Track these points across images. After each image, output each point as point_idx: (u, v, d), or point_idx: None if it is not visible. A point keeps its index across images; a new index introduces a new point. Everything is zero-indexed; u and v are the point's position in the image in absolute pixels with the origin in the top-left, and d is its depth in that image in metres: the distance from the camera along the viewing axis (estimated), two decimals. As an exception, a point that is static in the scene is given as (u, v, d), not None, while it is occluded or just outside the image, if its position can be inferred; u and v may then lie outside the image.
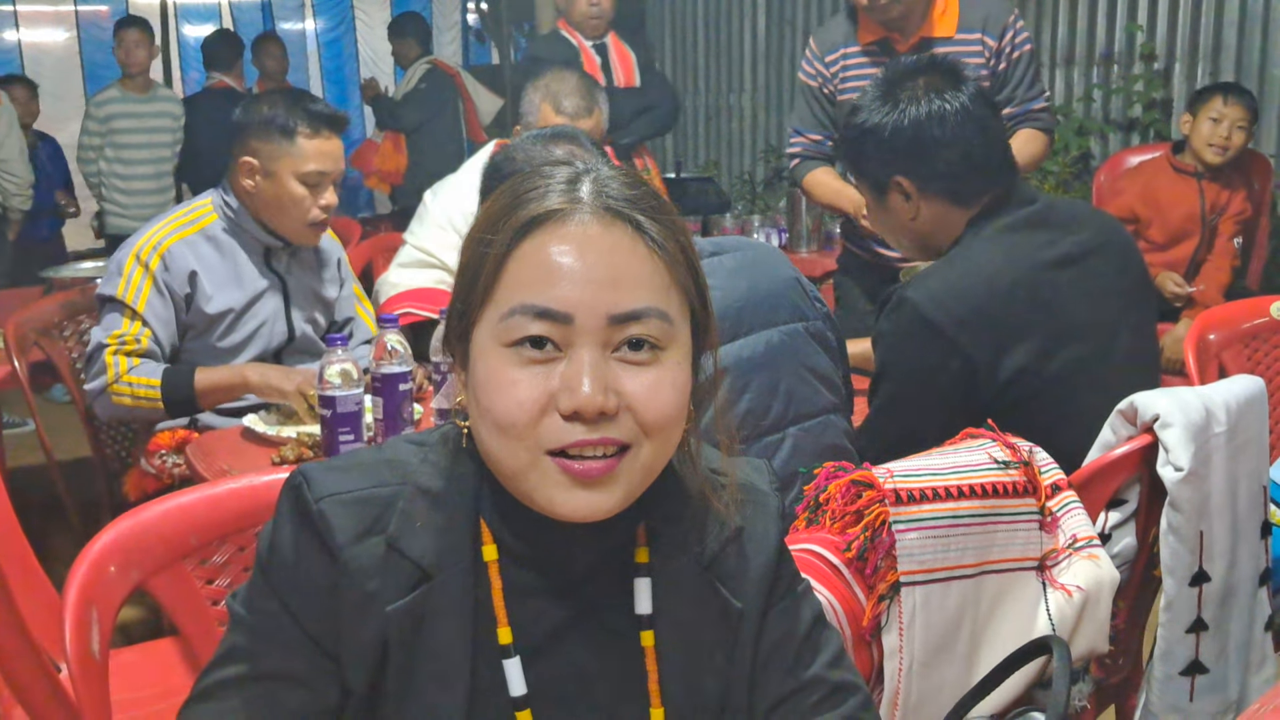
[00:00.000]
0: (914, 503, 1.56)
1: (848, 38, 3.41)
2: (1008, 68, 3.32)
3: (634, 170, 1.14)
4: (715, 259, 2.01)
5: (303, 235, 2.88)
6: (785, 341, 2.00)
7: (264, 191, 2.80)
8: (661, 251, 1.06)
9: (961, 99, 2.15)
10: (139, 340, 2.75)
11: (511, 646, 1.11)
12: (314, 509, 1.08)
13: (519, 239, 1.05)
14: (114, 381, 2.72)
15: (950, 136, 2.14)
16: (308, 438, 2.40)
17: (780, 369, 1.98)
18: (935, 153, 2.15)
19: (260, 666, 1.10)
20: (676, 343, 1.07)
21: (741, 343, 1.95)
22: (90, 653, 1.46)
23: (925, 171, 2.17)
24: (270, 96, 2.87)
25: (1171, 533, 1.85)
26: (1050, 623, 1.67)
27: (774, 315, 2.00)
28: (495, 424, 1.04)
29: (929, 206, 2.19)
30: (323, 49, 10.00)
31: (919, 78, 2.18)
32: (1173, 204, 4.41)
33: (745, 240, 2.12)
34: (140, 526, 1.61)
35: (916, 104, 2.15)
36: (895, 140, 2.17)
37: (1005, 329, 2.04)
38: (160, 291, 2.77)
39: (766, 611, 1.19)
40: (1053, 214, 2.20)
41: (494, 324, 1.05)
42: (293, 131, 2.76)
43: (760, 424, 1.96)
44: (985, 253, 2.12)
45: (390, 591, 1.08)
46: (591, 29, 4.80)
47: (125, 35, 6.26)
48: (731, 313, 1.96)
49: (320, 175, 2.79)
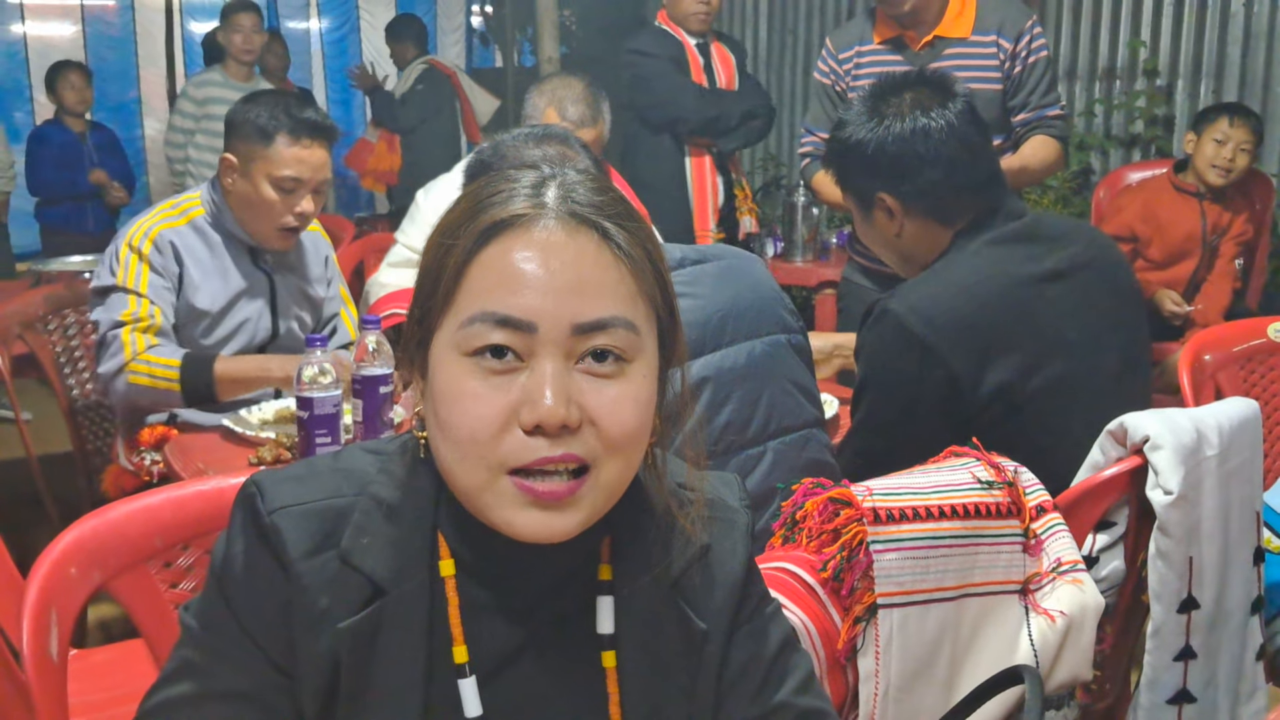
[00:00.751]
0: (893, 522, 1.53)
1: (863, 36, 3.43)
2: (1022, 72, 3.31)
3: (603, 177, 1.10)
4: (698, 267, 1.98)
5: (271, 239, 2.85)
6: (768, 353, 1.97)
7: (238, 191, 2.78)
8: (628, 259, 1.03)
9: (948, 115, 2.12)
10: (152, 317, 2.71)
11: (467, 666, 1.07)
12: (266, 521, 1.05)
13: (481, 244, 1.01)
14: (131, 359, 2.68)
15: (933, 154, 2.11)
16: (286, 439, 2.37)
17: (762, 381, 1.95)
18: (918, 171, 2.12)
19: (210, 685, 1.07)
20: (642, 354, 1.03)
21: (724, 353, 1.92)
22: (48, 653, 1.44)
23: (908, 189, 2.14)
24: (261, 97, 2.84)
25: (1160, 558, 1.81)
26: (1032, 648, 1.63)
27: (758, 326, 1.97)
28: (454, 439, 1.01)
29: (912, 224, 2.17)
30: (326, 48, 10.00)
31: (906, 92, 2.16)
32: (1173, 223, 4.39)
33: (728, 248, 2.09)
34: (104, 527, 1.58)
35: (901, 120, 2.12)
36: (879, 157, 2.14)
37: (988, 342, 2.00)
38: (158, 274, 2.75)
39: (733, 633, 1.16)
40: (1040, 229, 2.17)
41: (453, 332, 1.01)
42: (271, 135, 2.72)
43: (740, 437, 1.92)
44: (970, 266, 2.09)
45: (342, 607, 1.05)
46: (698, 24, 4.62)
47: (241, 20, 5.93)
48: (715, 321, 1.92)
49: (295, 182, 2.75)
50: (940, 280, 2.09)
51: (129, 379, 2.68)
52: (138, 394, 2.72)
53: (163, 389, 2.69)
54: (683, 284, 1.90)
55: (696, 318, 1.90)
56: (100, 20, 9.31)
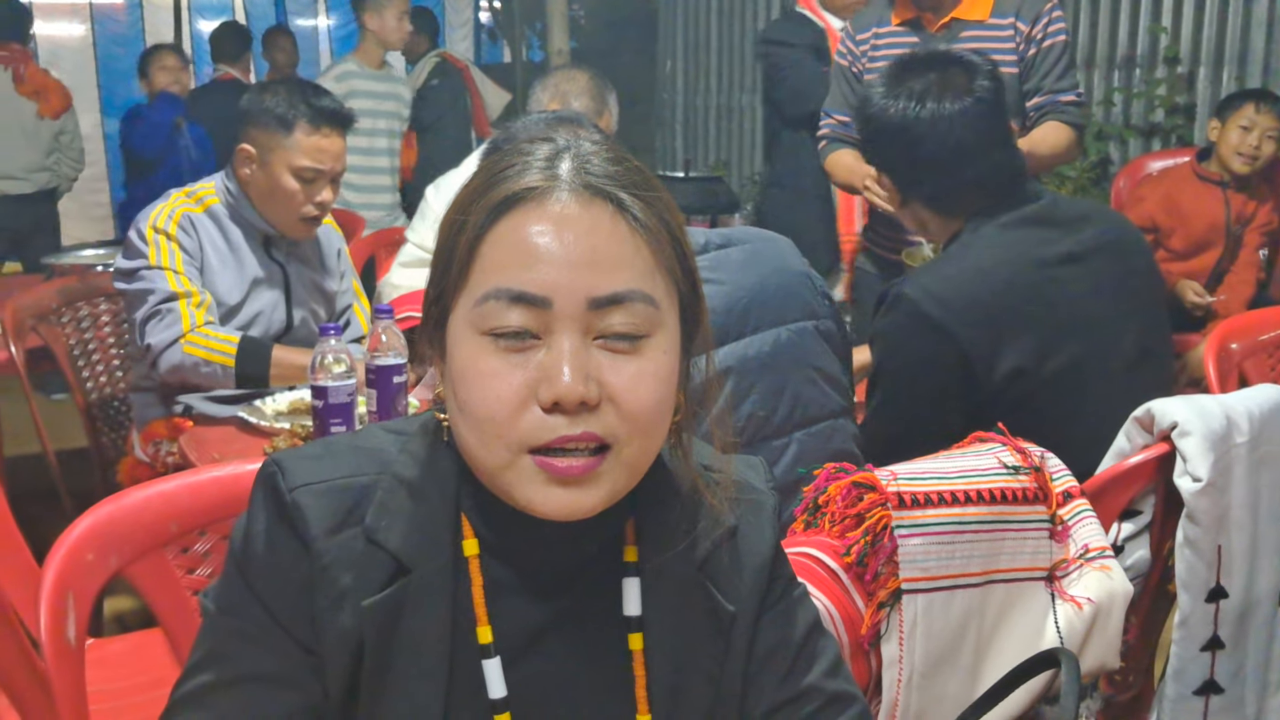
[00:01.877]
0: (918, 507, 1.51)
1: (881, 17, 3.42)
2: (1037, 55, 3.29)
3: (618, 146, 1.08)
4: (723, 251, 1.95)
5: (294, 229, 2.84)
6: (794, 341, 1.94)
7: (258, 181, 2.77)
8: (645, 231, 1.01)
9: (964, 103, 2.10)
10: (204, 295, 2.71)
11: (491, 646, 1.06)
12: (288, 499, 1.04)
13: (494, 219, 1.00)
14: (189, 330, 2.66)
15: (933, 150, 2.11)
16: (300, 429, 2.36)
17: (787, 370, 1.92)
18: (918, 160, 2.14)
19: (236, 670, 1.05)
20: (663, 329, 1.01)
21: (748, 341, 1.90)
22: (66, 639, 1.45)
23: (906, 177, 2.18)
24: (277, 85, 2.83)
25: (1188, 546, 1.79)
26: (1059, 635, 1.61)
27: (783, 313, 1.94)
28: (473, 419, 0.99)
29: (909, 209, 2.21)
30: (334, 45, 10.00)
31: (929, 73, 2.14)
32: (1196, 213, 4.35)
33: (755, 231, 2.06)
34: (120, 512, 1.58)
35: (921, 102, 2.11)
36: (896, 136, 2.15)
37: (1002, 324, 2.00)
38: (189, 254, 2.75)
39: (760, 616, 1.14)
40: (1057, 211, 2.16)
41: (469, 309, 1.00)
42: (291, 124, 2.72)
43: (765, 427, 1.90)
44: (984, 249, 2.09)
45: (366, 584, 1.04)
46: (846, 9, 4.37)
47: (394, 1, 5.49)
48: (739, 308, 1.90)
49: (315, 171, 2.74)
50: (954, 264, 2.09)
51: (184, 348, 2.66)
52: (190, 366, 2.69)
53: (217, 363, 2.68)
54: (706, 269, 1.88)
55: (720, 304, 1.87)
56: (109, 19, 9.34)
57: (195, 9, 9.33)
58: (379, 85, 5.58)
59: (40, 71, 6.06)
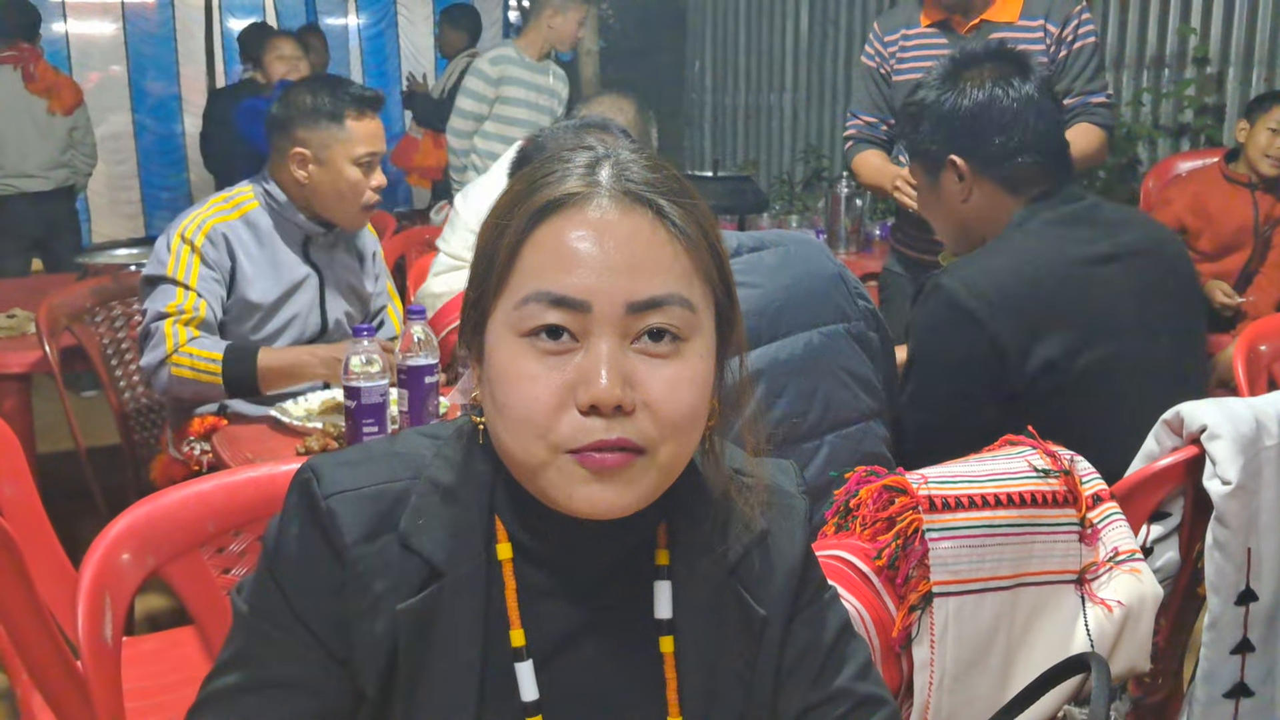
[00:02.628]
0: (949, 510, 1.51)
1: (910, 19, 3.42)
2: (1067, 56, 3.29)
3: (655, 154, 1.09)
4: (755, 254, 1.96)
5: (357, 219, 2.90)
6: (825, 343, 1.94)
7: (319, 180, 2.80)
8: (683, 237, 1.02)
9: (1027, 88, 2.16)
10: (196, 310, 2.72)
11: (524, 650, 1.07)
12: (322, 506, 1.05)
13: (535, 224, 1.01)
14: (173, 352, 2.69)
15: (1012, 122, 2.15)
16: (333, 428, 2.38)
17: (819, 373, 1.92)
18: (995, 136, 2.16)
19: (262, 673, 1.07)
20: (699, 333, 1.03)
21: (779, 344, 1.90)
22: (103, 638, 1.46)
23: (983, 154, 2.17)
24: (308, 85, 2.86)
25: (1217, 549, 1.79)
26: (1089, 638, 1.61)
27: (815, 315, 1.95)
28: (511, 419, 1.00)
29: (981, 190, 2.20)
30: (364, 44, 10.03)
31: (986, 63, 2.20)
32: (1224, 215, 4.32)
33: (788, 234, 2.07)
34: (156, 513, 1.60)
35: (982, 87, 2.16)
36: (956, 119, 2.18)
37: (1037, 317, 2.01)
38: (210, 267, 2.77)
39: (791, 619, 1.15)
40: (1099, 213, 2.18)
41: (509, 312, 1.01)
42: (341, 117, 2.77)
43: (796, 430, 1.90)
44: (1024, 244, 2.10)
45: (400, 589, 1.05)
46: None
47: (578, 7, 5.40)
48: (770, 311, 1.90)
49: (372, 155, 2.81)
50: (993, 257, 2.11)
51: (172, 370, 2.69)
52: (180, 386, 2.73)
53: (205, 381, 2.70)
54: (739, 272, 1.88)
55: (752, 307, 1.86)
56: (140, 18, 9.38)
57: (226, 8, 9.36)
58: (536, 77, 5.42)
59: (50, 69, 6.09)
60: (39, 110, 5.95)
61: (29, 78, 5.91)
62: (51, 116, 6.00)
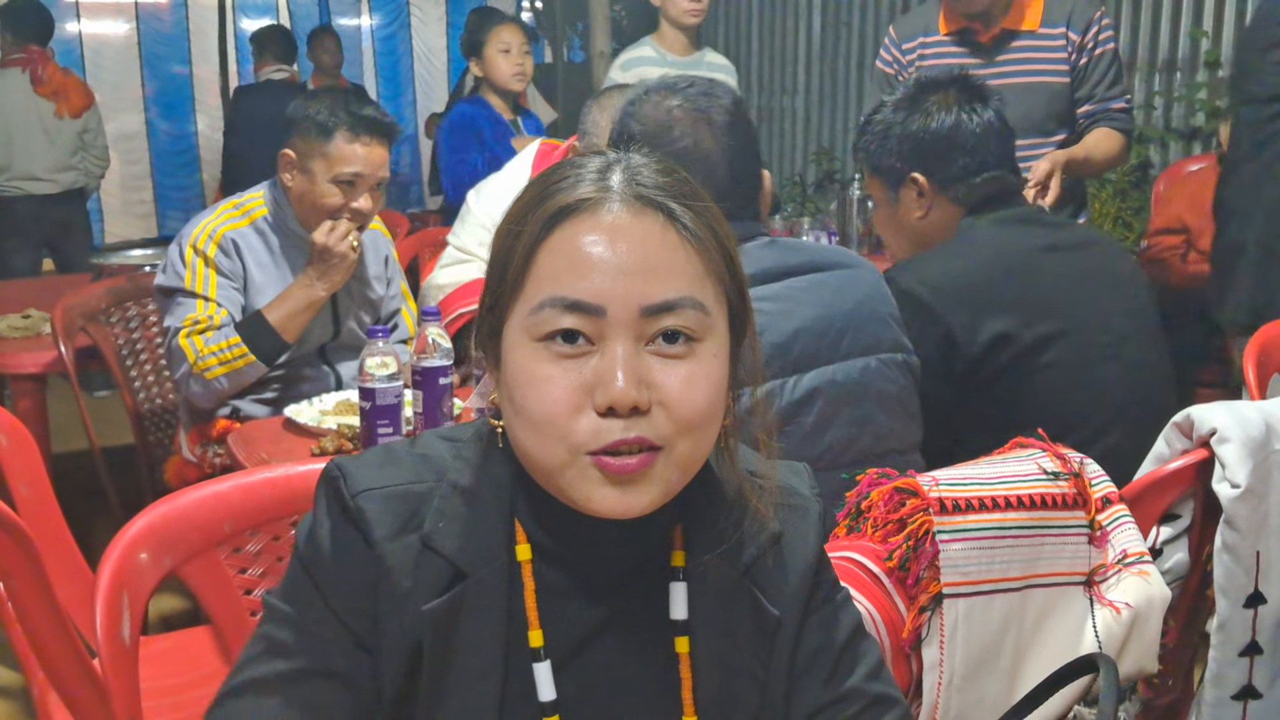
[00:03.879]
0: (959, 512, 1.52)
1: (928, 26, 3.43)
2: (1089, 63, 3.31)
3: (667, 159, 1.10)
4: (819, 275, 1.94)
5: None
6: (881, 371, 1.94)
7: (297, 187, 2.80)
8: (695, 240, 1.03)
9: (989, 115, 2.31)
10: (212, 319, 2.74)
11: (542, 650, 1.08)
12: (351, 504, 1.07)
13: (548, 229, 1.02)
14: (196, 362, 2.71)
15: (975, 146, 2.29)
16: (347, 429, 2.39)
17: (873, 400, 1.92)
18: (958, 158, 2.30)
19: (300, 663, 1.08)
20: (713, 334, 1.04)
21: (836, 367, 1.89)
22: (120, 638, 1.47)
23: (944, 174, 2.31)
24: (321, 94, 2.86)
25: (1226, 551, 1.79)
26: (1097, 640, 1.62)
27: (874, 342, 1.95)
28: (530, 422, 1.02)
29: (939, 207, 2.33)
30: (377, 44, 10.07)
31: (951, 88, 2.33)
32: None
33: (851, 255, 2.06)
34: (174, 513, 1.61)
35: (948, 110, 2.30)
36: (921, 139, 2.31)
37: (984, 297, 2.17)
38: (226, 275, 2.79)
39: (804, 619, 1.16)
40: (1041, 216, 2.41)
41: (524, 317, 1.02)
42: (331, 131, 2.74)
43: (844, 454, 1.90)
44: (970, 241, 2.27)
45: (425, 590, 1.06)
46: None
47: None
48: (832, 333, 1.89)
49: (355, 177, 2.77)
50: (941, 253, 2.29)
51: (206, 377, 2.72)
52: (220, 385, 2.75)
53: (241, 366, 2.73)
54: (802, 289, 1.89)
55: (814, 326, 1.87)
56: (154, 18, 9.43)
57: (239, 8, 9.41)
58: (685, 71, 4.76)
59: (60, 71, 6.11)
60: (47, 113, 5.98)
61: (37, 80, 5.93)
62: (60, 119, 6.02)
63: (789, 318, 1.85)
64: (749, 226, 1.95)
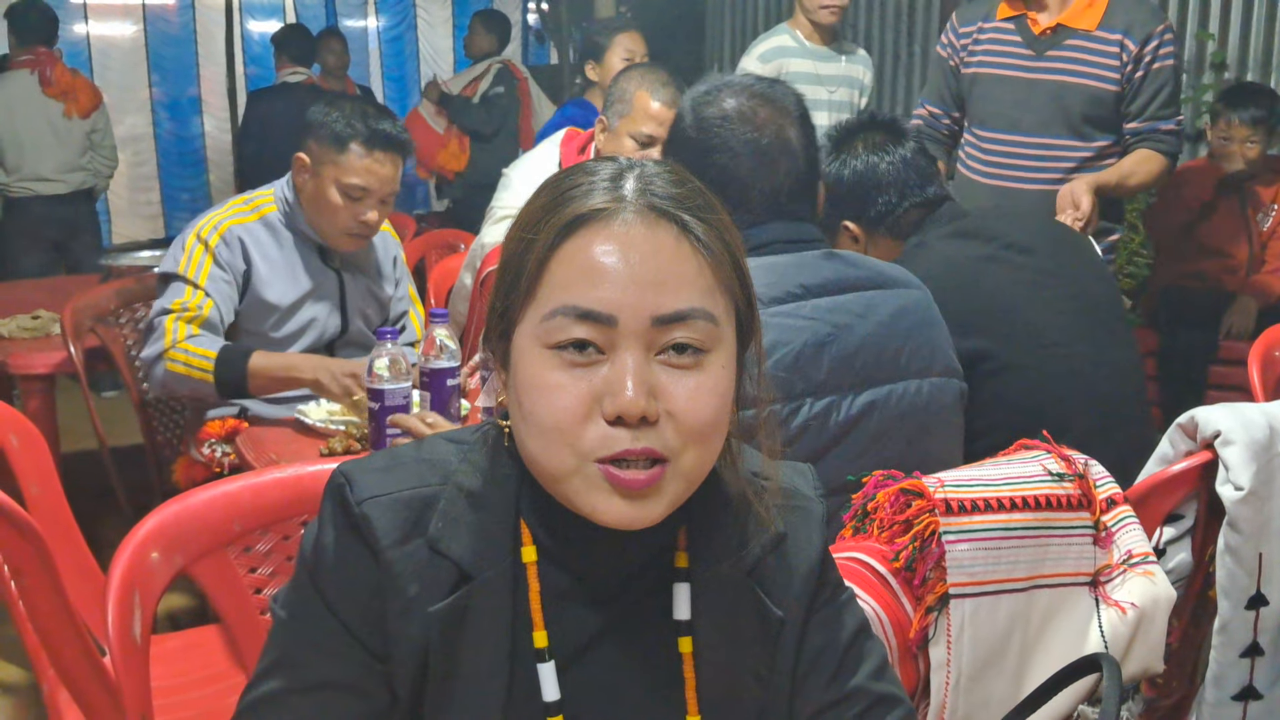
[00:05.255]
0: (965, 513, 1.53)
1: (989, 12, 3.41)
2: (1144, 77, 3.27)
3: (681, 168, 1.11)
4: (878, 292, 1.92)
5: (338, 241, 2.89)
6: (934, 394, 1.93)
7: (308, 190, 2.82)
8: (707, 252, 1.04)
9: (901, 151, 2.36)
10: (200, 309, 2.75)
11: (546, 651, 1.09)
12: (356, 511, 1.07)
13: (562, 238, 1.03)
14: (170, 347, 2.72)
15: (891, 183, 2.35)
16: (355, 430, 2.40)
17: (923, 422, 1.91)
18: (877, 198, 2.36)
19: (306, 677, 1.09)
20: (721, 345, 1.05)
21: (893, 386, 1.88)
22: (132, 636, 1.48)
23: (869, 215, 2.37)
24: (343, 102, 2.87)
25: (1229, 553, 1.80)
26: (1103, 640, 1.63)
27: (930, 364, 1.93)
28: (538, 427, 1.03)
29: (875, 243, 2.37)
30: (384, 46, 10.07)
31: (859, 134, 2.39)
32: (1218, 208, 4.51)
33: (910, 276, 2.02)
34: (185, 513, 1.62)
35: (857, 157, 2.37)
36: (841, 188, 2.37)
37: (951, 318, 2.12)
38: (221, 268, 2.79)
39: (808, 619, 1.17)
40: (983, 223, 2.41)
41: (535, 324, 1.03)
42: (345, 142, 2.75)
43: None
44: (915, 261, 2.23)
45: (431, 593, 1.07)
46: None
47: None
48: (890, 350, 1.88)
49: (362, 191, 2.78)
50: None
51: (167, 365, 2.72)
52: (174, 381, 2.76)
53: (197, 379, 2.73)
54: (865, 305, 1.87)
55: (875, 343, 1.86)
56: (161, 19, 9.43)
57: (246, 10, 9.41)
58: (822, 65, 4.41)
59: (68, 72, 6.11)
60: (56, 114, 5.98)
61: (45, 81, 5.93)
62: (69, 120, 6.03)
63: (852, 332, 1.83)
64: (807, 229, 1.95)
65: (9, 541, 1.61)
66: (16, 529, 1.60)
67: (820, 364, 1.79)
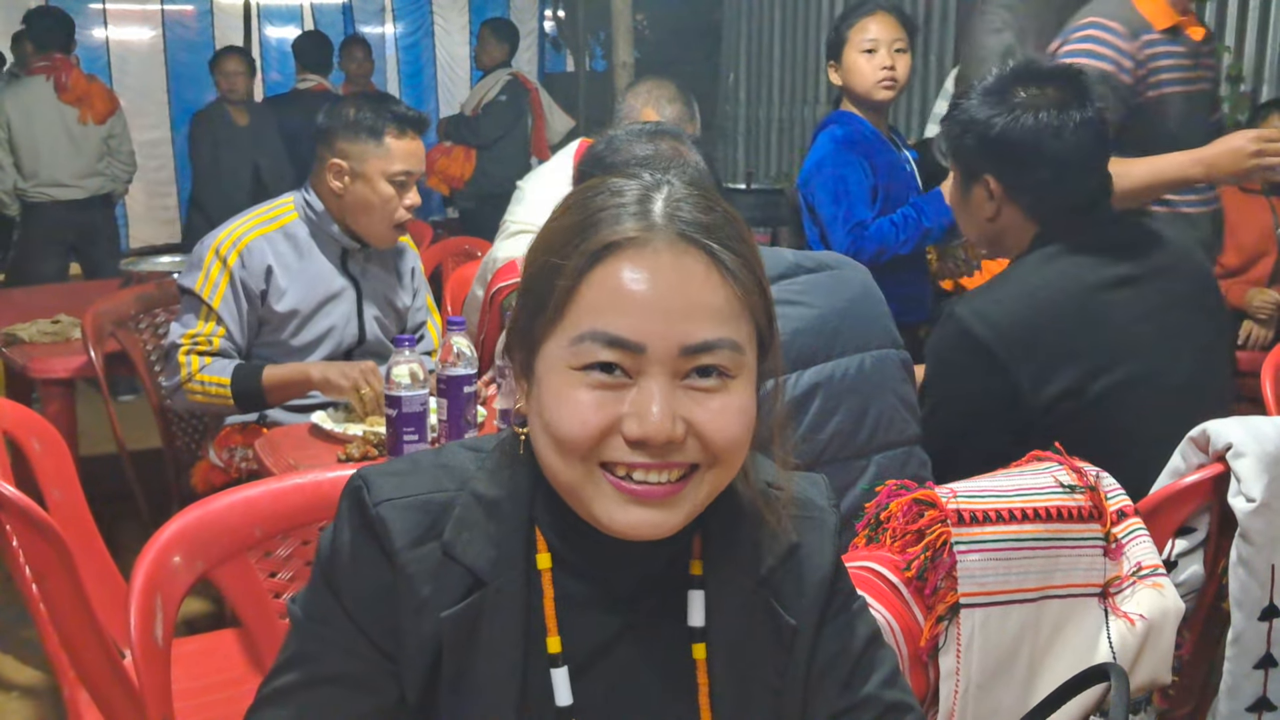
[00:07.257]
0: (976, 524, 1.54)
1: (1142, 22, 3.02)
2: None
3: (709, 190, 1.11)
4: (812, 275, 2.00)
5: (386, 237, 2.92)
6: (877, 366, 1.99)
7: (353, 193, 2.84)
8: (735, 281, 1.05)
9: (1077, 119, 2.10)
10: (211, 340, 2.81)
11: (560, 656, 1.11)
12: (372, 513, 1.09)
13: (591, 264, 1.03)
14: (187, 380, 2.79)
15: (1055, 159, 2.11)
16: (373, 436, 2.42)
17: (870, 393, 1.97)
18: (1035, 170, 2.13)
19: (318, 671, 1.11)
20: (745, 369, 1.06)
21: (835, 363, 1.94)
22: (154, 640, 1.49)
23: (1019, 184, 2.16)
24: (355, 100, 2.91)
25: (1241, 565, 1.81)
26: (1111, 651, 1.64)
27: (868, 338, 1.99)
28: (556, 439, 1.04)
29: (1009, 212, 2.20)
30: (401, 53, 10.10)
31: (1047, 85, 2.14)
32: (1244, 224, 4.39)
33: (840, 256, 2.10)
34: (206, 518, 1.64)
35: (1035, 114, 2.10)
36: (1002, 144, 2.14)
37: (1051, 349, 2.05)
38: (236, 289, 2.82)
39: (821, 628, 1.18)
40: (1119, 235, 2.19)
41: (563, 346, 1.04)
42: (380, 133, 2.80)
43: (847, 447, 1.95)
44: (1038, 273, 2.13)
45: (444, 597, 1.09)
46: None
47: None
48: (828, 331, 1.95)
49: (407, 175, 2.84)
50: (1006, 286, 2.14)
51: (187, 397, 2.81)
52: (198, 407, 2.90)
53: (218, 404, 2.82)
54: (796, 291, 1.93)
55: (811, 325, 1.92)
56: (179, 24, 9.47)
57: (265, 16, 9.46)
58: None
59: (84, 78, 6.14)
60: (72, 119, 6.02)
61: (61, 88, 5.97)
62: (85, 125, 6.06)
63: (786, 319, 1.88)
64: None
65: (32, 544, 1.64)
66: (39, 532, 1.62)
67: None
